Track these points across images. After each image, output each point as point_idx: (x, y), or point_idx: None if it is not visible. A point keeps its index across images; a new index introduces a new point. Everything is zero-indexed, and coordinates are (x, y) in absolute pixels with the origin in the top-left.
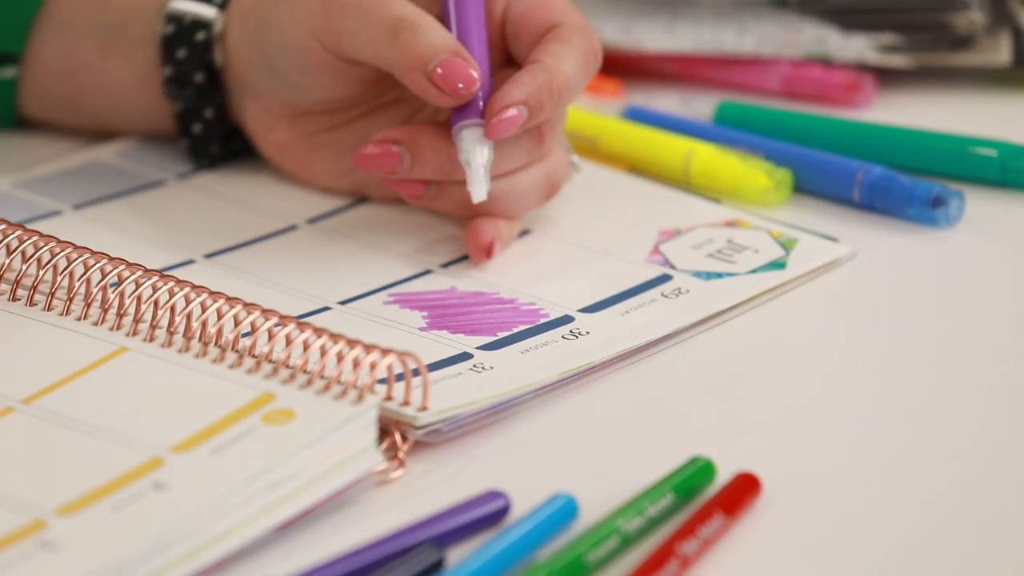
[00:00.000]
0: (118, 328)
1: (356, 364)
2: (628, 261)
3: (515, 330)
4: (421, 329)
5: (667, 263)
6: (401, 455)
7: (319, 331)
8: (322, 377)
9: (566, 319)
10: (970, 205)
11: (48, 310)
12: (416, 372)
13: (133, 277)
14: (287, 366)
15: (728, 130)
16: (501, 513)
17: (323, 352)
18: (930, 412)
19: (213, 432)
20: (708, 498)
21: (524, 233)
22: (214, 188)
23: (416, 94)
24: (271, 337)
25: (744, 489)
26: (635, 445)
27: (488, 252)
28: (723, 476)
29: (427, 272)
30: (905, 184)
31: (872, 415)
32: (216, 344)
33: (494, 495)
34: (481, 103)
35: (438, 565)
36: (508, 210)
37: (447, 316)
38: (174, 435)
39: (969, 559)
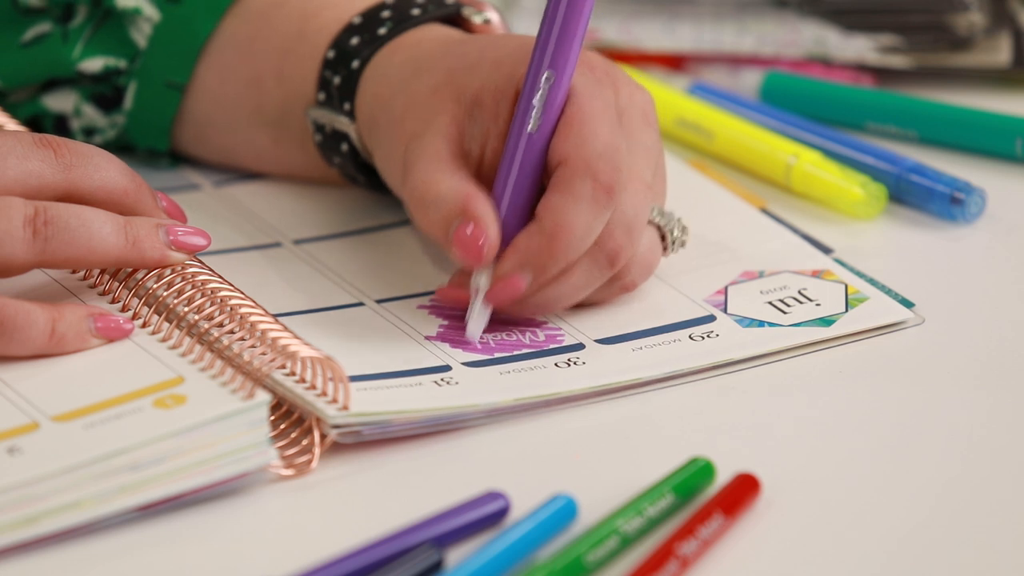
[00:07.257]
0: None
1: (275, 359)
2: (686, 296)
3: (515, 352)
4: (427, 337)
5: (722, 304)
6: (315, 452)
7: (264, 325)
8: (234, 368)
9: (576, 347)
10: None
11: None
12: (356, 377)
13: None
14: (212, 351)
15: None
16: (501, 513)
17: (252, 345)
18: (930, 412)
19: (100, 408)
20: (708, 499)
21: None
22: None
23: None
24: (209, 320)
25: (744, 490)
26: (634, 445)
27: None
28: (723, 476)
29: None
30: (925, 181)
31: (872, 416)
32: (166, 319)
33: (494, 495)
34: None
35: (438, 565)
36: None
37: (461, 329)
38: (62, 405)
39: (968, 559)
